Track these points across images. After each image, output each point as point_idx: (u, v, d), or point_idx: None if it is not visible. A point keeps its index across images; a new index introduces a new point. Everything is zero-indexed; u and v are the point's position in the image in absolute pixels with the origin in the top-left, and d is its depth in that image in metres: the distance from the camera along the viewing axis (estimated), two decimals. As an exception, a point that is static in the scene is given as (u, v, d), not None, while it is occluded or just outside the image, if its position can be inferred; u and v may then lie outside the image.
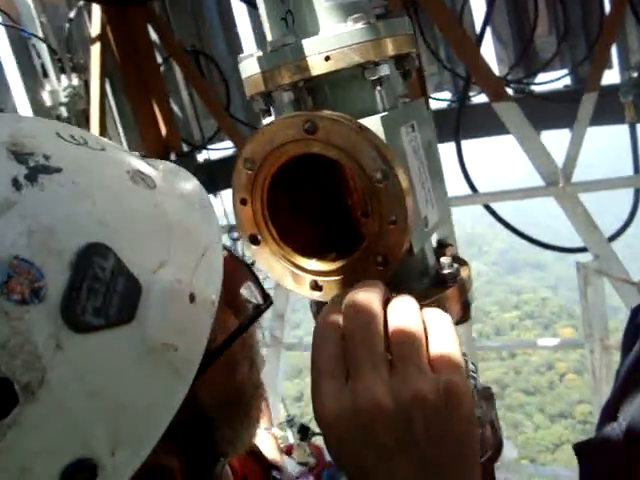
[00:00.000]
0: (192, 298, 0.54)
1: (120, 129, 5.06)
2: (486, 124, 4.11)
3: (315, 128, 0.67)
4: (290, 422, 2.25)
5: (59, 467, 0.47)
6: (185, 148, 5.05)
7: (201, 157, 5.69)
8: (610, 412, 1.19)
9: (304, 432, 2.11)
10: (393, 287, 0.69)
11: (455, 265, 0.77)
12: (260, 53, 0.73)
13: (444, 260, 0.77)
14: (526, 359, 28.02)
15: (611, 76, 3.93)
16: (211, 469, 0.69)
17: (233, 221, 5.62)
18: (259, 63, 0.72)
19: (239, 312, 0.67)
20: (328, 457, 1.89)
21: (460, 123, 3.93)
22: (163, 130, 4.56)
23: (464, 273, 0.79)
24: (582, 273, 3.42)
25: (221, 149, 5.52)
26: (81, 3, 4.45)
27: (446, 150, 4.16)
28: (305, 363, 0.68)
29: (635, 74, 3.82)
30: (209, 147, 5.43)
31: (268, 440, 1.39)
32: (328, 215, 0.80)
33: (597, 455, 1.18)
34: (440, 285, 0.77)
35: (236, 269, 0.69)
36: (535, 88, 4.48)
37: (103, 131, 4.23)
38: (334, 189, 0.79)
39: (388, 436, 0.55)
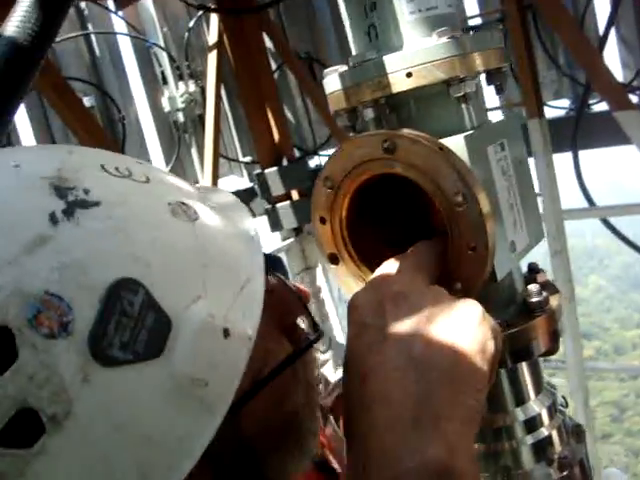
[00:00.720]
0: (226, 333, 0.53)
1: (234, 134, 5.22)
2: (607, 133, 3.88)
3: (394, 147, 0.64)
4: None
5: None
6: (297, 154, 5.12)
7: (313, 163, 5.75)
8: None
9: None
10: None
11: (544, 293, 0.73)
12: (344, 68, 0.72)
13: (532, 287, 0.73)
14: (649, 381, 26.29)
15: None
16: None
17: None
18: (341, 79, 0.70)
19: (295, 342, 0.67)
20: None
21: (578, 132, 3.75)
22: (276, 136, 4.63)
23: (554, 302, 0.74)
24: None
25: (332, 155, 5.54)
26: (200, 13, 4.62)
27: (563, 160, 3.98)
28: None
29: None
30: (321, 153, 5.48)
31: None
32: (410, 236, 0.77)
33: None
34: (527, 314, 0.72)
35: (292, 299, 0.69)
36: (664, 95, 4.19)
37: (217, 136, 4.36)
38: (417, 208, 0.76)
39: (391, 319, 0.60)
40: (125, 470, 0.48)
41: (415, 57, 0.65)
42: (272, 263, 0.70)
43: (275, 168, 4.62)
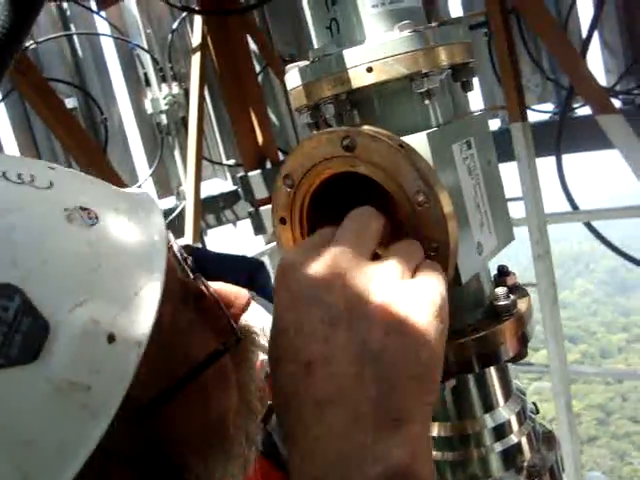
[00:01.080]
0: (111, 338, 0.53)
1: (218, 136, 5.19)
2: (590, 137, 3.89)
3: (354, 145, 0.62)
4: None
5: None
6: (281, 157, 5.09)
7: (296, 166, 5.72)
8: None
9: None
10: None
11: (512, 296, 0.71)
12: (306, 63, 0.70)
13: (499, 291, 0.71)
14: (635, 385, 26.47)
15: None
16: None
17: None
18: (301, 74, 0.68)
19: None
20: None
21: (562, 136, 3.75)
22: (260, 138, 4.61)
23: (522, 305, 0.72)
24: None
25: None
26: (184, 14, 4.60)
27: (546, 164, 3.99)
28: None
29: None
30: (304, 156, 5.46)
31: None
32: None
33: None
34: (494, 317, 0.70)
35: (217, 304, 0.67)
36: (646, 100, 4.21)
37: (201, 138, 4.34)
38: (380, 208, 0.74)
39: (341, 297, 0.54)
40: (4, 474, 0.48)
41: (376, 51, 0.62)
42: (255, 267, 0.69)
43: (259, 171, 4.61)
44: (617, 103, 3.92)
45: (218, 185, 5.47)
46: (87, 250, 0.55)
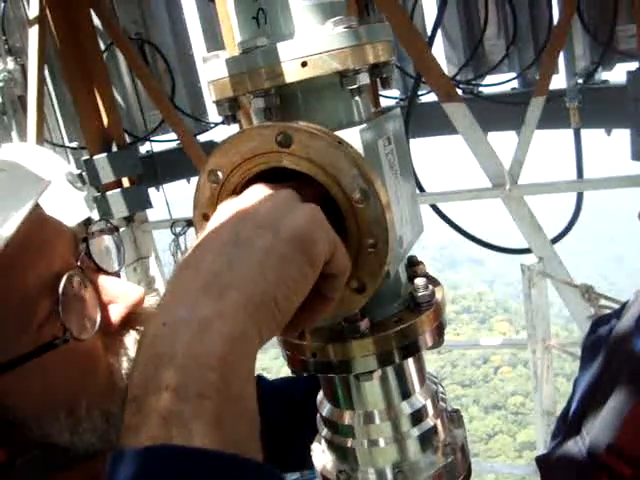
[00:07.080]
0: None
1: (59, 118, 4.88)
2: (435, 123, 4.11)
3: (289, 141, 0.61)
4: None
5: None
6: (127, 139, 4.89)
7: (144, 149, 5.54)
8: (571, 424, 1.18)
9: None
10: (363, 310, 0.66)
11: (430, 287, 0.73)
12: (225, 53, 0.67)
13: (419, 282, 0.73)
14: (462, 353, 28.59)
15: (556, 81, 3.99)
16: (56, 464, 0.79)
17: (175, 215, 5.49)
18: (227, 66, 0.65)
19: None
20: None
21: (409, 122, 3.92)
22: (105, 120, 4.40)
23: (438, 294, 0.75)
24: (527, 275, 3.46)
25: (165, 141, 5.40)
26: (18, -17, 4.26)
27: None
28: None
29: (581, 80, 3.88)
30: (152, 139, 5.30)
31: None
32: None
33: (560, 469, 1.17)
34: (415, 309, 0.72)
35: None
36: (483, 90, 4.52)
37: (41, 119, 4.05)
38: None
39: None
40: None
41: (311, 46, 0.61)
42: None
43: (104, 154, 4.41)
44: (458, 92, 4.16)
45: (61, 169, 5.14)
46: None
